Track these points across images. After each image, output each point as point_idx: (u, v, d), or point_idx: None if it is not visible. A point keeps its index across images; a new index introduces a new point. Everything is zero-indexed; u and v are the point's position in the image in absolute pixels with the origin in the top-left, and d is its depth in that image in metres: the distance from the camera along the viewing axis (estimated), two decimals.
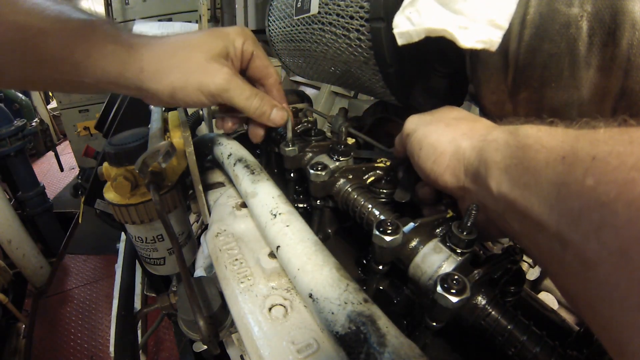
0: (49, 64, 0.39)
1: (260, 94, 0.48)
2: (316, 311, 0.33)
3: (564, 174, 0.20)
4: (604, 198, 0.17)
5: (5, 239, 1.99)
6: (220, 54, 0.45)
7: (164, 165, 0.41)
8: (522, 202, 0.24)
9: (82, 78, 0.41)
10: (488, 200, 0.29)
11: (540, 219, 0.22)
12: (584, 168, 0.19)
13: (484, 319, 0.33)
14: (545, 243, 0.22)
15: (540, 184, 0.22)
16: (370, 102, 0.98)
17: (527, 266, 0.70)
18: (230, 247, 0.46)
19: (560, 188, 0.20)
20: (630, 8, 0.29)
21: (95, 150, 1.88)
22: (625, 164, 0.17)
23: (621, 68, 0.31)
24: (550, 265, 0.24)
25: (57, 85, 0.43)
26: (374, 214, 0.41)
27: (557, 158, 0.21)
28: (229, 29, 0.47)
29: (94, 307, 2.15)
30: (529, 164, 0.23)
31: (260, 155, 0.70)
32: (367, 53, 0.47)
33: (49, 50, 0.38)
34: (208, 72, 0.43)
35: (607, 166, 0.17)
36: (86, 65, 0.40)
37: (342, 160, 0.49)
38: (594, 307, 0.19)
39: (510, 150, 0.26)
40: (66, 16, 0.39)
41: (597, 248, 0.17)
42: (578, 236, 0.19)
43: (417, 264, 0.34)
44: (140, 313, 0.70)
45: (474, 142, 0.32)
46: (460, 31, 0.33)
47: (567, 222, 0.20)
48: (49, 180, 3.71)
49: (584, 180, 0.18)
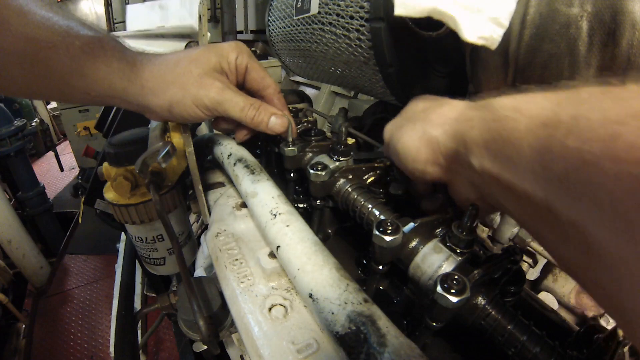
0: (57, 76, 0.41)
1: (256, 104, 0.49)
2: (316, 311, 0.33)
3: (546, 138, 0.19)
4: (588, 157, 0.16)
5: (5, 239, 2.00)
6: (215, 68, 0.46)
7: (164, 165, 0.41)
8: (506, 175, 0.23)
9: (89, 91, 0.43)
10: (474, 179, 0.29)
11: (526, 190, 0.21)
12: (566, 129, 0.18)
13: (484, 319, 0.33)
14: (535, 212, 0.22)
15: (522, 154, 0.21)
16: (370, 102, 0.98)
17: (527, 266, 0.70)
18: (230, 247, 0.46)
19: (543, 154, 0.19)
20: (630, 8, 0.29)
21: (95, 150, 1.88)
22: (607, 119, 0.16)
23: (621, 68, 0.31)
24: (543, 235, 0.24)
25: (63, 96, 0.45)
26: (374, 214, 0.41)
27: (538, 124, 0.20)
28: (224, 44, 0.48)
29: (94, 307, 2.15)
30: (509, 135, 0.22)
31: (260, 155, 0.70)
32: (367, 53, 0.47)
33: (58, 64, 0.40)
34: (202, 85, 0.45)
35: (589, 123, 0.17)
36: (94, 79, 0.42)
37: (342, 160, 0.49)
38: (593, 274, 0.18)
39: (487, 124, 0.25)
40: (75, 31, 0.40)
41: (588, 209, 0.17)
42: (567, 200, 0.18)
43: (417, 264, 0.34)
44: (140, 313, 0.70)
45: (445, 128, 0.31)
46: (465, 21, 0.33)
47: (554, 189, 0.19)
48: (49, 180, 3.71)
49: (566, 141, 0.18)
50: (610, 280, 0.17)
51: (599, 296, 0.20)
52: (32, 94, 0.49)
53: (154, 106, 0.45)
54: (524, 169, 0.21)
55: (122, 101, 0.45)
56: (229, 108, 0.47)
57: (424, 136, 0.33)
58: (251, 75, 0.50)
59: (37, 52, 0.38)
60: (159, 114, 0.47)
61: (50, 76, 0.40)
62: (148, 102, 0.45)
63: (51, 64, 0.39)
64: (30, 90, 0.44)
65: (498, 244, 0.69)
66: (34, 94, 0.49)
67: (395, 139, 0.37)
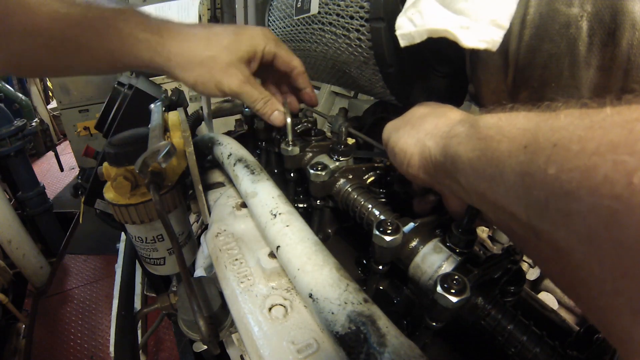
0: (84, 51, 0.42)
1: (266, 99, 0.53)
2: (316, 311, 0.33)
3: (527, 163, 0.20)
4: (567, 186, 0.17)
5: (5, 239, 1.99)
6: (241, 59, 0.50)
7: (164, 165, 0.41)
8: (491, 194, 0.24)
9: (116, 63, 0.45)
10: (461, 194, 0.29)
11: (510, 210, 0.22)
12: (546, 156, 0.18)
13: (484, 319, 0.33)
14: (520, 232, 0.22)
15: (505, 175, 0.21)
16: (370, 102, 0.98)
17: (527, 266, 0.70)
18: (230, 247, 0.46)
19: (525, 178, 0.20)
20: (630, 8, 0.29)
21: (95, 150, 1.87)
22: (585, 150, 0.16)
23: (621, 68, 0.31)
24: (529, 252, 0.24)
25: (88, 70, 0.47)
26: (374, 214, 0.41)
27: (519, 147, 0.20)
28: (253, 31, 0.51)
29: (94, 307, 2.15)
30: (492, 155, 0.23)
31: (260, 155, 0.70)
32: (367, 53, 0.47)
33: (84, 40, 0.41)
34: (228, 74, 0.49)
35: (568, 153, 0.17)
36: (121, 52, 0.44)
37: (342, 160, 0.49)
38: (576, 291, 0.19)
39: (473, 143, 0.26)
40: (97, 4, 0.42)
41: (567, 236, 0.17)
42: (547, 225, 0.19)
43: (417, 264, 0.34)
44: (140, 313, 0.70)
45: (437, 140, 0.32)
46: (462, 31, 0.33)
47: (536, 212, 0.19)
48: (49, 180, 3.71)
49: (546, 169, 0.18)
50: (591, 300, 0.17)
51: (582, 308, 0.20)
52: (58, 72, 0.50)
53: (180, 77, 0.49)
54: (506, 190, 0.22)
55: (150, 68, 0.48)
56: (244, 98, 0.52)
57: (418, 144, 0.34)
58: (279, 61, 0.54)
59: (65, 29, 0.39)
60: (184, 83, 0.50)
61: (78, 53, 0.42)
62: (175, 73, 0.48)
63: (79, 41, 0.41)
64: (57, 69, 0.46)
65: (498, 244, 0.69)
66: (59, 72, 0.50)
67: (392, 141, 0.38)
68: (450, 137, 0.29)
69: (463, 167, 0.27)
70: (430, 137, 0.33)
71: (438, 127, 0.33)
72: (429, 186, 0.36)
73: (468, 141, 0.26)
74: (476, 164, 0.25)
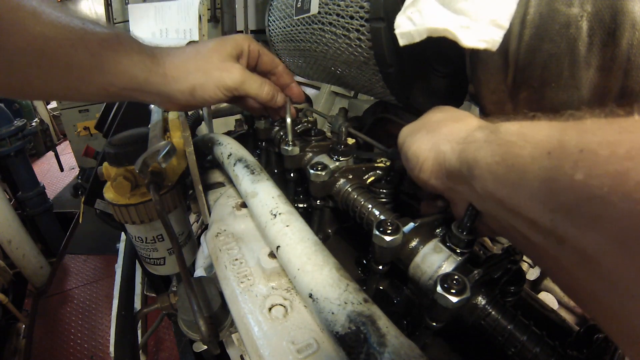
0: (75, 74, 0.41)
1: (268, 82, 0.55)
2: (316, 311, 0.33)
3: (552, 169, 0.19)
4: (597, 191, 0.16)
5: (5, 239, 1.99)
6: (231, 55, 0.51)
7: (164, 165, 0.41)
8: (511, 200, 0.23)
9: (107, 87, 0.44)
10: (475, 201, 0.29)
11: (531, 216, 0.22)
12: (573, 161, 0.18)
13: (484, 319, 0.33)
14: (540, 240, 0.22)
15: (527, 181, 0.21)
16: (370, 102, 0.98)
17: (527, 266, 0.70)
18: (230, 247, 0.46)
19: (550, 184, 0.19)
20: (630, 8, 0.29)
21: (95, 150, 1.87)
22: (616, 155, 0.16)
23: (621, 68, 0.31)
24: (547, 262, 0.24)
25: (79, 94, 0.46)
26: (374, 214, 0.41)
27: (542, 153, 0.20)
28: (235, 36, 0.54)
29: (94, 307, 2.15)
30: (514, 161, 0.23)
31: (260, 155, 0.70)
32: (367, 53, 0.47)
33: (78, 61, 0.40)
34: (225, 69, 0.50)
35: (597, 158, 0.17)
36: (115, 73, 0.43)
37: (342, 160, 0.49)
38: (599, 300, 0.18)
39: (492, 148, 0.25)
40: (91, 28, 0.41)
41: (596, 240, 0.17)
42: (574, 230, 0.18)
43: (417, 264, 0.34)
44: (140, 313, 0.70)
45: (453, 145, 0.31)
46: (462, 31, 0.33)
47: (561, 218, 0.19)
48: (49, 180, 3.71)
49: (573, 175, 0.18)
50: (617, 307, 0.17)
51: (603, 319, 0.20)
52: (47, 94, 0.49)
53: (175, 92, 0.48)
54: (529, 196, 0.21)
55: (142, 93, 0.47)
56: (249, 86, 0.52)
57: (433, 148, 0.34)
58: (263, 59, 0.56)
59: (56, 50, 0.39)
60: (179, 100, 0.49)
61: (69, 75, 0.41)
62: (170, 89, 0.47)
63: (71, 62, 0.40)
64: (46, 90, 0.44)
65: (498, 244, 0.68)
66: (48, 94, 0.50)
67: (407, 145, 0.37)
68: (468, 143, 0.29)
69: (480, 173, 0.26)
70: (446, 142, 0.32)
71: (455, 132, 0.33)
72: (439, 193, 0.36)
73: (488, 147, 0.26)
74: (496, 170, 0.25)
